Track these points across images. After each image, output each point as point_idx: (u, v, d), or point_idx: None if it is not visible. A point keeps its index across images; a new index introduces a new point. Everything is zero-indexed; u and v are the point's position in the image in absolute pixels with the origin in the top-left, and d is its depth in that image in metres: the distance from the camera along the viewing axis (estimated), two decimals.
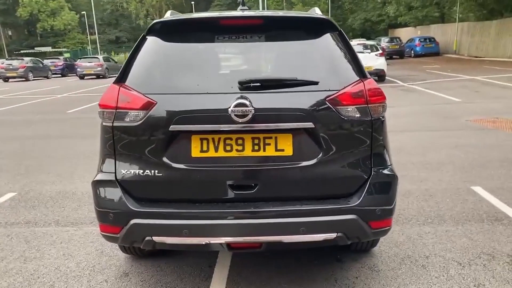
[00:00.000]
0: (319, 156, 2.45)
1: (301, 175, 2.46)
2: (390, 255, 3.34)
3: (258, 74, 2.56)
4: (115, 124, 2.50)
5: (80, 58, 31.21)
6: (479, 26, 31.80)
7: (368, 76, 2.58)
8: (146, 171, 2.48)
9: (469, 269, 3.09)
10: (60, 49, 59.05)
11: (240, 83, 2.42)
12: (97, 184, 2.58)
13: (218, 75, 2.65)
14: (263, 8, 32.80)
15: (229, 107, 2.35)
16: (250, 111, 2.34)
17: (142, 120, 2.44)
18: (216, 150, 2.44)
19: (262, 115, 2.37)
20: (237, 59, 2.75)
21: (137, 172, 2.49)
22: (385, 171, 2.57)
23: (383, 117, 2.58)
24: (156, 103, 2.43)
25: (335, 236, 2.43)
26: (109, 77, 28.65)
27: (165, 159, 2.46)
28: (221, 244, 2.46)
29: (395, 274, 3.07)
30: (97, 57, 30.06)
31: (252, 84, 2.41)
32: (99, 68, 28.25)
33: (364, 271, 3.12)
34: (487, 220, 3.93)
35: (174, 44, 2.66)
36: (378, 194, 2.51)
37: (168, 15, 3.08)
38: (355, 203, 2.45)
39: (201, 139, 2.44)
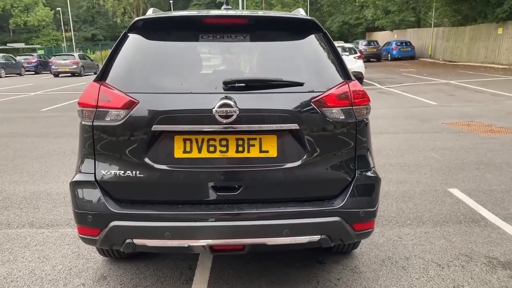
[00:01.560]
0: (304, 157, 2.43)
1: (286, 177, 2.44)
2: (371, 257, 3.35)
3: (242, 74, 2.53)
4: (95, 123, 2.42)
5: (55, 55, 30.49)
6: (453, 32, 32.53)
7: (353, 78, 2.58)
8: (127, 172, 2.41)
9: (448, 271, 3.13)
10: (33, 46, 57.62)
11: (225, 83, 2.38)
12: (75, 185, 2.49)
13: (202, 74, 2.61)
14: (243, 9, 32.77)
15: (214, 108, 2.31)
16: (235, 112, 2.31)
17: (124, 119, 2.37)
18: (200, 151, 2.40)
19: (246, 116, 2.34)
20: (221, 58, 2.71)
21: (117, 173, 2.42)
22: (369, 173, 2.57)
23: (367, 119, 2.59)
24: (138, 103, 2.36)
25: (319, 238, 2.42)
26: (85, 75, 28.17)
27: (147, 160, 2.40)
28: (203, 246, 2.42)
29: (376, 275, 3.08)
30: (72, 55, 29.46)
31: (236, 85, 2.37)
32: (75, 66, 27.68)
33: (345, 272, 3.12)
34: (464, 221, 4.00)
35: (157, 42, 2.60)
36: (362, 196, 2.51)
37: (150, 13, 3.02)
38: (339, 205, 2.44)
39: (184, 140, 2.39)
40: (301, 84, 2.44)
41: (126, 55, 2.55)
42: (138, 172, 2.41)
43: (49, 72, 29.63)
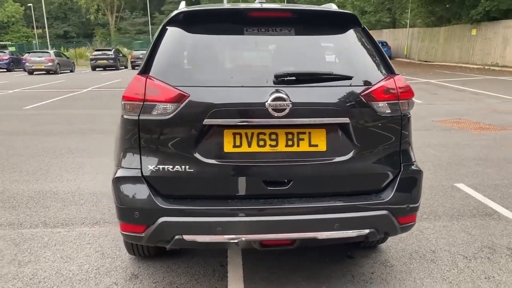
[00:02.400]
0: (352, 151, 2.44)
1: (334, 171, 2.44)
2: (398, 251, 3.39)
3: (290, 67, 2.49)
4: (142, 117, 2.36)
5: (29, 53, 29.64)
6: (428, 32, 33.32)
7: (397, 72, 2.60)
8: (176, 166, 2.36)
9: (475, 262, 3.20)
10: (3, 43, 55.75)
11: (276, 76, 2.35)
12: (119, 180, 2.42)
13: (251, 67, 2.57)
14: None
15: (266, 101, 2.29)
16: (288, 105, 2.29)
17: (173, 113, 2.32)
18: (249, 145, 2.37)
19: (298, 109, 2.32)
20: (267, 52, 2.67)
21: (165, 168, 2.37)
22: (413, 167, 2.60)
23: (409, 113, 2.61)
24: (189, 96, 2.32)
25: (368, 232, 2.43)
26: (61, 72, 27.49)
27: (196, 154, 2.35)
28: (254, 241, 2.39)
29: (408, 268, 3.12)
30: (48, 52, 28.70)
31: (288, 78, 2.35)
32: (50, 64, 27.01)
33: (377, 266, 3.15)
34: (478, 215, 4.09)
35: (200, 36, 2.55)
36: (407, 190, 2.54)
37: (183, 6, 2.96)
38: (386, 198, 2.46)
39: (234, 134, 2.36)
40: (350, 78, 2.44)
41: (168, 49, 2.49)
42: (187, 167, 2.36)
43: (22, 69, 28.78)
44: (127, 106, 2.40)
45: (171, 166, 2.37)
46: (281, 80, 2.36)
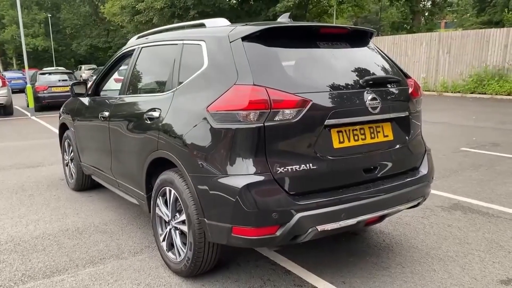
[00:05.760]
0: (407, 138, 3.12)
1: (399, 154, 3.08)
2: (367, 232, 4.01)
3: (366, 73, 2.97)
4: (268, 124, 2.51)
5: None
6: None
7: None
8: (302, 165, 2.60)
9: (432, 219, 4.24)
10: None
11: (365, 81, 2.86)
12: (250, 187, 2.49)
13: (340, 74, 2.92)
14: None
15: (366, 101, 2.77)
16: (379, 103, 2.84)
17: (298, 117, 2.56)
18: (349, 140, 2.80)
19: (381, 106, 2.88)
20: (341, 60, 3.05)
21: (293, 168, 2.58)
22: (427, 147, 3.43)
23: None
24: (311, 101, 2.59)
25: (421, 199, 3.16)
26: None
27: (317, 153, 2.65)
28: (363, 221, 2.80)
29: (400, 233, 3.92)
30: None
31: (372, 82, 2.90)
32: None
33: (368, 241, 3.75)
34: None
35: (286, 49, 2.84)
36: (431, 164, 3.36)
37: (226, 22, 3.11)
38: (426, 172, 3.23)
39: (338, 132, 2.75)
40: (399, 81, 3.13)
41: (260, 61, 2.68)
42: (311, 164, 2.63)
43: None
44: (248, 116, 2.49)
45: (298, 166, 2.59)
46: (368, 83, 2.88)
